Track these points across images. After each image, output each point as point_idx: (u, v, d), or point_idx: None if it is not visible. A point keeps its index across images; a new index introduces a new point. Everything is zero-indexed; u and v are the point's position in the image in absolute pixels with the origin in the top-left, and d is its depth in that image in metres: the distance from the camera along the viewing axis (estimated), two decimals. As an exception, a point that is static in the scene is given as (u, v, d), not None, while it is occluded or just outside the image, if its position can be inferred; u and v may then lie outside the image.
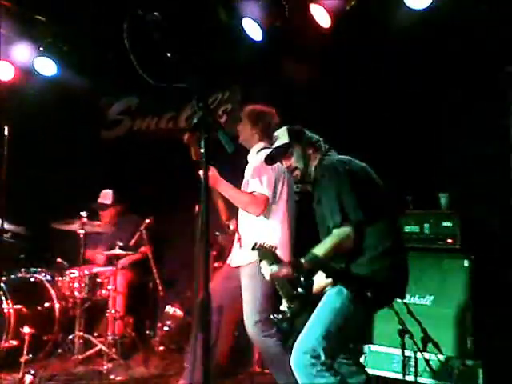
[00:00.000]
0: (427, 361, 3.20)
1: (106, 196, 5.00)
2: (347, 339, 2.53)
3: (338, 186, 2.42)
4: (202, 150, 1.79)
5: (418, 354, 3.24)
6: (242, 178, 3.38)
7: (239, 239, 3.33)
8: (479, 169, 3.71)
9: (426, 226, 3.54)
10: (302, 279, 2.30)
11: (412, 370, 3.30)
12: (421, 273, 3.46)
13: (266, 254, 2.48)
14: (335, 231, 2.36)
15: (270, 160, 2.80)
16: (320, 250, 2.35)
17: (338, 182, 2.44)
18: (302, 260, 2.33)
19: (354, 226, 2.34)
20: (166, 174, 5.13)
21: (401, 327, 3.20)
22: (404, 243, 2.59)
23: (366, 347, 3.62)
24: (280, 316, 2.42)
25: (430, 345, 3.26)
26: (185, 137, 3.23)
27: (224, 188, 3.22)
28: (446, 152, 3.90)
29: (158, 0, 3.81)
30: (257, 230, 3.21)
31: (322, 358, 2.27)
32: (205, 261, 1.77)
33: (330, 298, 2.40)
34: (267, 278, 2.47)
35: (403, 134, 3.95)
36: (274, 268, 2.38)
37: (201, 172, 3.18)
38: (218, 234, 3.87)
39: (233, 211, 3.47)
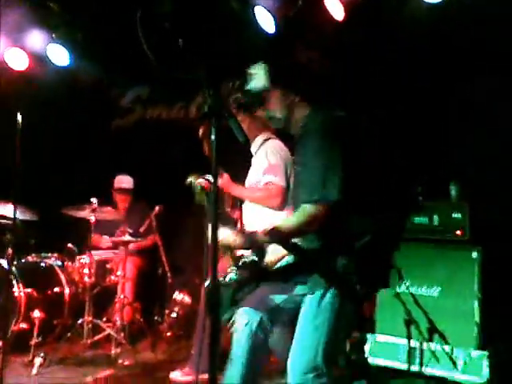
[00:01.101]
0: (433, 351, 3.21)
1: (126, 181, 5.11)
2: (342, 340, 2.42)
3: (328, 157, 1.99)
4: (213, 137, 1.80)
5: (424, 345, 3.26)
6: (245, 168, 3.39)
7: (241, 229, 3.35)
8: (490, 160, 3.69)
9: (435, 217, 3.53)
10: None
11: (417, 360, 3.32)
12: (429, 264, 3.47)
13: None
14: (308, 208, 1.99)
15: (241, 109, 2.51)
16: (286, 224, 2.07)
17: (327, 150, 2.00)
18: (259, 233, 2.01)
19: (331, 207, 1.96)
20: (177, 162, 5.16)
21: (407, 317, 3.22)
22: (379, 226, 2.22)
23: (371, 336, 3.63)
24: (222, 279, 2.15)
25: (435, 335, 3.27)
26: (200, 131, 3.25)
27: (237, 191, 3.26)
28: (457, 143, 3.89)
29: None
30: (265, 220, 3.22)
31: (324, 370, 2.06)
32: (213, 247, 1.78)
33: (315, 307, 2.08)
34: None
35: (414, 124, 3.95)
36: (226, 233, 2.05)
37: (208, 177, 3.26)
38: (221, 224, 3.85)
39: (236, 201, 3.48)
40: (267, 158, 3.23)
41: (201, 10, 4.25)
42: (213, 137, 1.90)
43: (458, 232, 3.44)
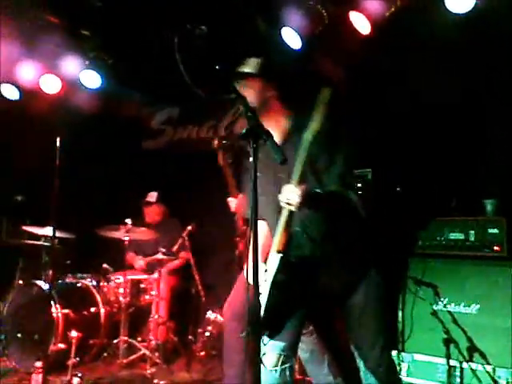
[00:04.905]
0: (473, 371, 3.13)
1: (150, 195, 5.22)
2: None
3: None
4: (251, 159, 1.82)
5: (464, 364, 3.18)
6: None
7: None
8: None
9: (472, 233, 3.46)
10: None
11: (458, 380, 3.24)
12: (466, 281, 3.40)
13: None
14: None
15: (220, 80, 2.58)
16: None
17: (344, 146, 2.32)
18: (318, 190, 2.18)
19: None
20: (206, 181, 5.21)
21: (445, 336, 3.16)
22: None
23: (409, 356, 3.56)
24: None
25: (476, 355, 3.19)
26: (214, 142, 3.31)
27: None
28: (491, 157, 3.82)
29: (196, 12, 3.95)
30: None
31: None
32: (255, 265, 1.80)
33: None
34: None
35: (448, 139, 3.90)
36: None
37: (230, 200, 3.29)
38: (238, 239, 3.85)
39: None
40: None
41: (231, 32, 4.32)
42: (251, 158, 1.91)
43: (496, 248, 3.36)
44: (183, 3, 4.12)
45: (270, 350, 2.23)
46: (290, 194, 2.11)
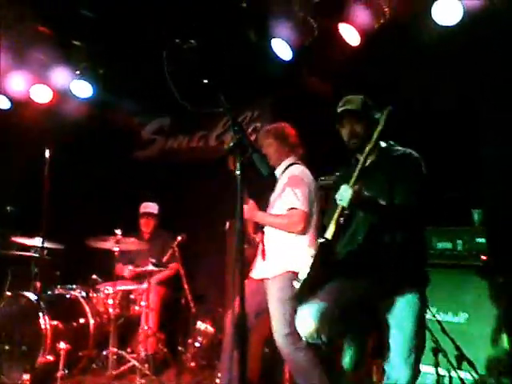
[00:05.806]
0: (462, 379, 3.14)
1: (152, 207, 5.20)
2: None
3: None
4: (238, 173, 1.85)
5: (453, 373, 3.19)
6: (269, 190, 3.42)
7: (263, 251, 3.34)
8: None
9: (459, 242, 3.49)
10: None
11: (447, 389, 3.25)
12: (454, 290, 3.43)
13: None
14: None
15: (339, 118, 2.71)
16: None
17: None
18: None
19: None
20: (197, 191, 5.23)
21: (434, 345, 3.17)
22: None
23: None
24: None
25: (464, 363, 3.21)
26: (225, 146, 3.30)
27: (261, 218, 3.29)
28: (479, 167, 3.87)
29: (188, 23, 3.99)
30: (285, 243, 3.24)
31: None
32: (240, 278, 1.81)
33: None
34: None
35: (436, 148, 3.94)
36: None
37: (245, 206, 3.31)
38: (246, 246, 3.86)
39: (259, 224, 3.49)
40: (291, 177, 3.26)
41: (221, 44, 4.35)
42: (238, 172, 1.94)
43: (483, 257, 3.39)
44: (174, 14, 4.16)
45: (305, 315, 2.44)
46: (343, 193, 2.36)
